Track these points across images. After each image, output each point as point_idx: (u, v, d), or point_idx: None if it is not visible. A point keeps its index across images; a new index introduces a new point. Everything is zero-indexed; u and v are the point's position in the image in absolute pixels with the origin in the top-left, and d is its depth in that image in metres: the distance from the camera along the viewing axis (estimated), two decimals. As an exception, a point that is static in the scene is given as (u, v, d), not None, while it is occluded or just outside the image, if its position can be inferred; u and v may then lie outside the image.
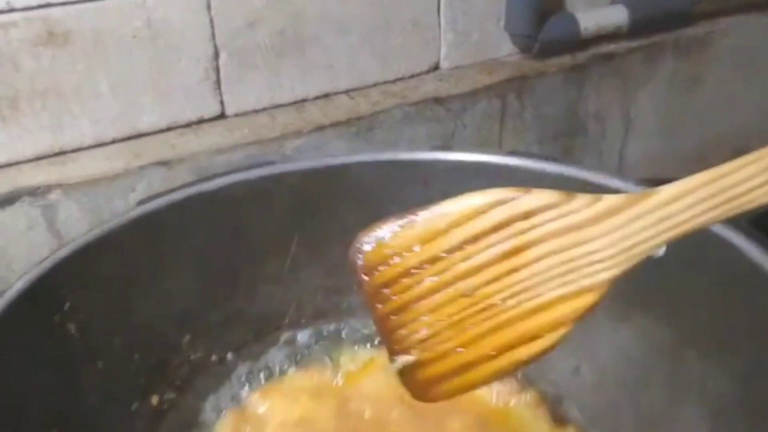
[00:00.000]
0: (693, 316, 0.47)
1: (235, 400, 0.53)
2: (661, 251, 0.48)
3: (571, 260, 0.31)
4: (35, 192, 0.64)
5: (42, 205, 0.64)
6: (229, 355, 0.55)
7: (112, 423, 0.47)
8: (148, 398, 0.50)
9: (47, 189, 0.64)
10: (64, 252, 0.48)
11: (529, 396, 0.52)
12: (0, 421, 0.39)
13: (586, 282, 0.31)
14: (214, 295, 0.56)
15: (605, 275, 0.30)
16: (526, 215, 0.31)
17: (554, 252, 0.31)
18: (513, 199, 0.31)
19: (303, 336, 0.58)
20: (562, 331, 0.31)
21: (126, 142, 0.65)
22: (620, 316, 0.52)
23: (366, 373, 0.55)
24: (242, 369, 0.55)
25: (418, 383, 0.33)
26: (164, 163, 0.67)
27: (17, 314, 0.43)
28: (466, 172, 0.59)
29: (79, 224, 0.66)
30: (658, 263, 0.49)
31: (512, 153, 0.58)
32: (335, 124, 0.68)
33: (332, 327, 0.59)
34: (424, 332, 0.33)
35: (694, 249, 0.47)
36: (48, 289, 0.46)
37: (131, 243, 0.51)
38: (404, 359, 0.33)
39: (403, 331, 0.33)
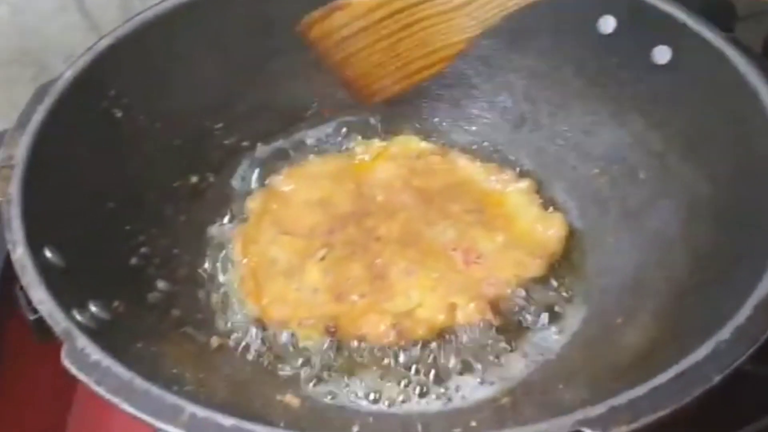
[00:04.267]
0: (680, 124, 0.51)
1: (264, 181, 0.59)
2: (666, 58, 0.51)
3: (449, 26, 0.50)
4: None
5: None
6: (258, 142, 0.61)
7: (158, 197, 0.53)
8: (189, 177, 0.56)
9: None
10: (104, 43, 0.52)
11: (525, 184, 0.57)
12: (61, 190, 0.45)
13: (458, 37, 0.51)
14: (243, 85, 0.60)
15: (469, 34, 0.50)
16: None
17: (438, 22, 0.51)
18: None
19: (323, 127, 0.63)
20: (446, 64, 0.53)
21: None
22: (617, 120, 0.56)
23: (378, 162, 0.60)
24: (270, 154, 0.61)
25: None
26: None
27: (70, 101, 0.48)
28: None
29: (107, 5, 0.69)
30: (656, 73, 0.52)
31: None
32: None
33: (350, 119, 0.63)
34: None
35: (688, 61, 0.50)
36: (93, 77, 0.50)
37: (163, 33, 0.55)
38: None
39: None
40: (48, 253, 0.39)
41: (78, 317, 0.37)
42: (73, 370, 0.32)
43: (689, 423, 0.35)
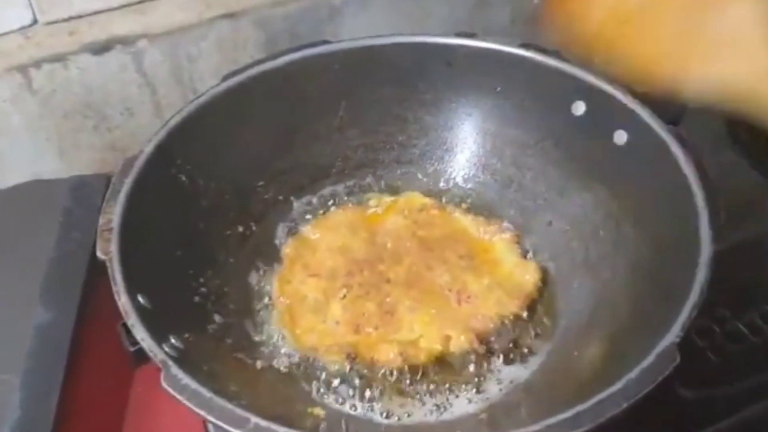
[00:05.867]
0: (635, 197, 0.63)
1: (296, 229, 0.72)
2: (623, 140, 0.64)
3: None
4: (126, 41, 0.80)
5: (131, 51, 0.80)
6: (291, 196, 0.74)
7: (213, 244, 0.66)
8: (236, 227, 0.69)
9: (135, 38, 0.80)
10: (173, 122, 0.64)
11: (508, 235, 0.70)
12: (145, 244, 0.58)
13: None
14: (279, 149, 0.73)
15: None
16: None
17: None
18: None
19: (344, 183, 0.76)
20: None
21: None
22: (585, 187, 0.69)
23: (388, 214, 0.73)
24: (301, 206, 0.74)
25: None
26: (230, 15, 0.82)
27: (148, 172, 0.60)
28: (482, 58, 0.73)
29: (160, 66, 0.83)
30: (616, 152, 0.65)
31: (523, 45, 0.71)
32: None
33: (368, 177, 0.76)
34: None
35: (639, 145, 0.63)
36: (165, 151, 0.63)
37: (219, 111, 0.68)
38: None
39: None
40: (140, 298, 0.53)
41: (166, 349, 0.50)
42: (171, 391, 0.45)
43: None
